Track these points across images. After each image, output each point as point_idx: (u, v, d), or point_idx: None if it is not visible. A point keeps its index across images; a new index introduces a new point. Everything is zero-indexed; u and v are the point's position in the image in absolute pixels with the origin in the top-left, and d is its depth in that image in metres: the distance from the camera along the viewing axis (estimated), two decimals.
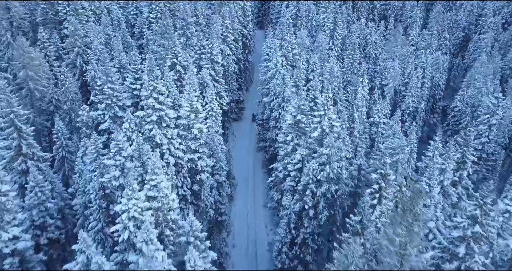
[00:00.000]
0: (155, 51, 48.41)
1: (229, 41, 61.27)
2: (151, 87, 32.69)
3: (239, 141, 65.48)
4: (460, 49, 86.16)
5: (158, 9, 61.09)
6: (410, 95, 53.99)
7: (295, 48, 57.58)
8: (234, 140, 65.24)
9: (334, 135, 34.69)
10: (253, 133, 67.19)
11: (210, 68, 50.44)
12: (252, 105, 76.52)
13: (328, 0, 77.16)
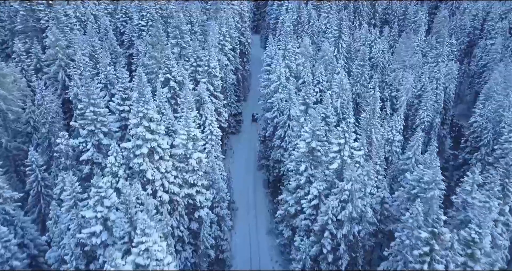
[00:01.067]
0: (145, 64, 42.56)
1: (227, 50, 55.61)
2: (141, 114, 26.93)
3: (237, 156, 59.92)
4: (465, 55, 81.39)
5: (149, 16, 55.15)
6: (425, 108, 48.82)
7: (299, 57, 52.07)
8: (233, 155, 59.62)
9: (356, 166, 29.26)
10: (252, 145, 61.74)
11: (208, 82, 44.75)
12: (250, 113, 71.22)
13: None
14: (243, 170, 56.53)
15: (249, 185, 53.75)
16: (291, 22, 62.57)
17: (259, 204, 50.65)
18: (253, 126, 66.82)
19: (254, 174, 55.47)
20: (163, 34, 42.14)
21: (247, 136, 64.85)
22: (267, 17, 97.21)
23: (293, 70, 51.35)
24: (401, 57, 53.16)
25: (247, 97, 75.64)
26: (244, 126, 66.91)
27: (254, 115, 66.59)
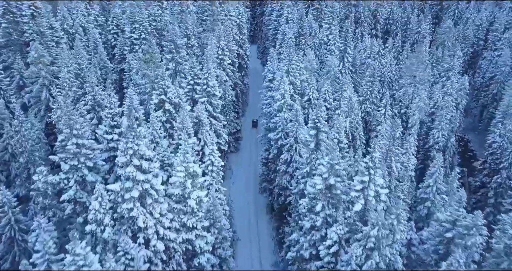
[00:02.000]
0: (137, 84, 37.96)
1: (226, 65, 51.16)
2: (131, 151, 22.31)
3: (237, 176, 55.40)
4: (468, 66, 77.80)
5: (142, 29, 50.58)
6: (439, 128, 44.73)
7: (303, 73, 47.78)
8: (232, 176, 55.01)
9: (382, 206, 24.87)
10: (252, 161, 57.43)
11: (207, 102, 40.23)
12: (249, 129, 67.04)
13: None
14: (244, 192, 52.05)
15: (251, 209, 49.22)
16: (293, 34, 58.31)
17: (262, 231, 46.07)
18: (252, 132, 65.29)
19: (256, 197, 50.91)
20: (157, 50, 37.59)
21: (247, 154, 60.45)
22: (264, 27, 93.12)
23: (298, 87, 47.02)
24: (411, 71, 49.10)
25: (245, 111, 71.25)
26: (243, 143, 62.41)
27: (254, 121, 66.74)
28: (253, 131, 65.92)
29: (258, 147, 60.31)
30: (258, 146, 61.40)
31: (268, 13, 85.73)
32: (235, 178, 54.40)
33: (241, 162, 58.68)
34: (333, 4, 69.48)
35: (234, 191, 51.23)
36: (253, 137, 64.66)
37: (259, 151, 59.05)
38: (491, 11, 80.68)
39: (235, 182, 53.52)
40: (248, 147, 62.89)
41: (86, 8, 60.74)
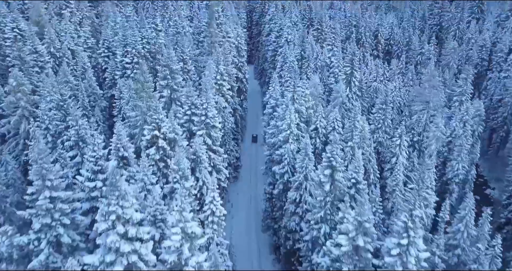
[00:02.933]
0: (128, 116, 33.14)
1: (225, 90, 46.62)
2: (113, 215, 17.31)
3: (237, 209, 50.27)
4: (473, 88, 74.07)
5: (134, 52, 46.04)
6: (459, 159, 40.28)
7: (309, 99, 43.30)
8: (231, 209, 49.81)
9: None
10: (253, 192, 52.76)
11: (205, 135, 35.41)
12: (248, 154, 62.58)
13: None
14: (245, 228, 46.97)
15: (253, 248, 44.02)
16: (295, 57, 54.16)
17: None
18: (252, 149, 63.56)
19: (258, 235, 45.71)
20: (149, 78, 32.90)
21: (246, 184, 55.50)
22: (261, 47, 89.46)
23: (303, 115, 42.48)
24: (424, 97, 44.87)
25: (244, 136, 66.53)
26: (243, 170, 57.47)
27: (254, 135, 65.07)
28: (253, 147, 63.97)
29: (259, 175, 55.84)
30: (258, 173, 56.89)
31: (265, 33, 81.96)
32: (234, 212, 49.24)
33: (241, 193, 53.65)
34: (335, 25, 65.66)
35: (234, 227, 46.17)
36: (253, 157, 62.07)
37: (260, 179, 54.59)
38: (494, 31, 77.64)
39: (236, 217, 48.34)
40: (248, 174, 58.17)
41: (76, 29, 56.30)
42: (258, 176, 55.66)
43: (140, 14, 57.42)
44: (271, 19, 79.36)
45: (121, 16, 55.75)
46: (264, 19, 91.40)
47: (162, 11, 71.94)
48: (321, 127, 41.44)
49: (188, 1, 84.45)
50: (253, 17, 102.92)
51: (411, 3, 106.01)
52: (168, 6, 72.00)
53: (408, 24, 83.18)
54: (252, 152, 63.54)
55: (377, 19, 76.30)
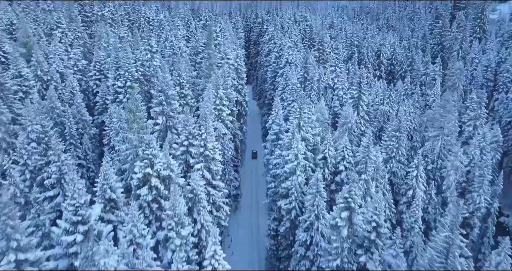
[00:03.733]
0: (117, 150, 29.25)
1: (224, 116, 42.99)
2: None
3: (237, 244, 45.99)
4: None
5: (127, 76, 42.50)
6: (480, 192, 36.61)
7: (315, 125, 39.70)
8: (231, 244, 45.57)
9: None
10: (254, 224, 48.73)
11: (204, 168, 31.49)
12: (248, 184, 58.62)
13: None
14: (247, 266, 42.46)
15: None
16: (298, 79, 50.95)
17: None
18: (252, 164, 62.43)
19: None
20: (142, 107, 29.15)
21: (247, 214, 51.39)
22: (260, 67, 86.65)
23: (310, 143, 38.81)
24: (439, 122, 41.47)
25: (244, 161, 62.66)
26: (243, 200, 53.34)
27: (254, 152, 63.92)
28: (253, 164, 62.50)
29: (260, 199, 52.29)
30: (259, 198, 53.47)
31: (265, 53, 79.22)
32: (235, 247, 44.91)
33: (241, 224, 49.48)
34: (337, 45, 62.85)
35: (234, 264, 41.74)
36: (253, 176, 59.67)
37: (261, 207, 50.77)
38: (498, 51, 75.34)
39: (236, 253, 43.93)
40: (249, 199, 54.43)
41: (66, 51, 52.88)
42: (259, 203, 52.01)
43: (135, 35, 54.35)
44: (270, 39, 76.78)
45: (114, 37, 52.46)
46: (263, 39, 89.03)
47: (158, 31, 69.03)
48: (330, 157, 37.71)
49: (185, 20, 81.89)
50: (251, 37, 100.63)
51: (409, 22, 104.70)
52: (164, 26, 69.11)
53: (409, 43, 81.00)
54: (252, 169, 61.34)
55: (379, 39, 73.74)
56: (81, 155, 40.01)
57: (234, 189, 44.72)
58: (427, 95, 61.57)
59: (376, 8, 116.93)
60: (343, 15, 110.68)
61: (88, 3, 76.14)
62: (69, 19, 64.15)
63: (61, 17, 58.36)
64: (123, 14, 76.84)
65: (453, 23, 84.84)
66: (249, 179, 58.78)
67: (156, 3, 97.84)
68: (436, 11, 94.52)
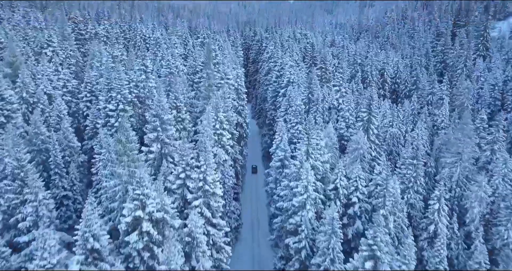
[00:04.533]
0: (104, 186, 25.39)
1: (225, 141, 39.32)
2: None
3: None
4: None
5: (119, 98, 38.94)
6: (508, 226, 32.90)
7: (324, 152, 36.07)
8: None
9: None
10: (255, 249, 44.62)
11: (203, 205, 27.62)
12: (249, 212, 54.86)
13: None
14: None
15: None
16: (302, 100, 47.64)
17: None
18: (252, 179, 59.88)
19: None
20: (133, 137, 25.42)
21: (249, 241, 47.12)
22: (260, 86, 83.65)
23: (319, 171, 35.11)
24: (457, 148, 38.02)
25: (244, 185, 58.68)
26: (243, 231, 49.11)
27: (254, 167, 62.29)
28: (253, 179, 59.85)
29: (262, 225, 48.46)
30: (261, 222, 49.57)
31: (264, 72, 76.30)
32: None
33: (243, 255, 45.00)
34: (341, 64, 59.94)
35: None
36: (253, 194, 55.98)
37: (263, 231, 46.99)
38: (503, 69, 72.88)
39: None
40: (250, 228, 50.17)
41: (56, 70, 49.40)
42: (261, 228, 48.13)
43: (131, 53, 51.16)
44: (270, 57, 73.96)
45: (107, 56, 49.18)
46: (262, 56, 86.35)
47: (155, 50, 65.93)
48: (342, 187, 33.97)
49: (183, 38, 79.09)
50: (250, 55, 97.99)
51: (409, 40, 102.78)
52: (161, 44, 66.06)
53: (411, 61, 78.56)
54: (253, 186, 58.22)
55: (382, 57, 71.10)
56: (67, 186, 36.10)
57: (235, 221, 40.63)
58: (434, 115, 58.59)
59: (375, 26, 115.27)
60: (343, 32, 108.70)
61: (82, 20, 73.23)
62: (62, 37, 60.98)
63: (52, 35, 55.10)
64: (119, 32, 73.89)
65: (455, 41, 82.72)
66: (249, 198, 55.18)
67: (153, 20, 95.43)
68: (437, 29, 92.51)
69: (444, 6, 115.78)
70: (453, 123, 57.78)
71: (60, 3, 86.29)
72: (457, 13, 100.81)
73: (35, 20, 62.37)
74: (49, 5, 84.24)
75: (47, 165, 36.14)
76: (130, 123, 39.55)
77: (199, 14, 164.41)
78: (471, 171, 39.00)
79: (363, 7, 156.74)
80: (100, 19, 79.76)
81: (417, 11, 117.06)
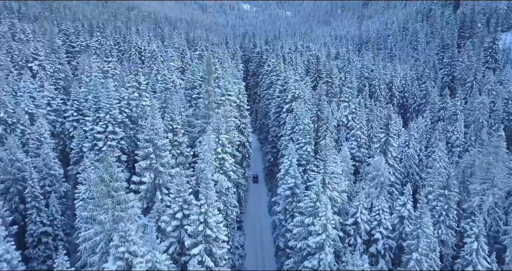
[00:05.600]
0: (83, 235, 20.37)
1: (227, 166, 34.46)
2: None
3: None
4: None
5: (109, 119, 34.10)
6: None
7: (341, 180, 31.27)
8: None
9: None
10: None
11: (204, 252, 22.61)
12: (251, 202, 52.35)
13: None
14: None
15: None
16: (310, 118, 43.03)
17: None
18: (254, 189, 57.61)
19: None
20: (120, 174, 20.51)
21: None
22: (261, 100, 79.06)
23: (336, 203, 30.30)
24: (487, 173, 33.42)
25: (247, 208, 53.67)
26: (247, 265, 44.04)
27: (255, 176, 60.91)
28: (255, 189, 57.52)
29: (266, 251, 43.77)
30: (265, 248, 44.85)
31: (265, 85, 71.75)
32: None
33: None
34: (351, 78, 55.64)
35: None
36: (257, 207, 52.89)
37: (269, 258, 42.19)
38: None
39: None
40: (253, 247, 45.49)
41: (41, 86, 44.65)
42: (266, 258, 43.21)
43: (124, 67, 46.72)
44: (271, 70, 69.55)
45: (97, 71, 44.54)
46: (262, 69, 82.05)
47: (150, 63, 61.40)
48: (363, 222, 29.16)
49: (180, 51, 74.72)
50: (249, 67, 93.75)
51: (413, 51, 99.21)
52: (156, 57, 61.58)
53: (416, 73, 74.63)
54: (255, 198, 55.12)
55: (390, 69, 67.03)
56: (46, 221, 31.00)
57: (239, 257, 35.54)
58: (447, 132, 54.33)
59: (376, 38, 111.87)
60: (347, 44, 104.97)
61: (74, 32, 68.75)
62: (51, 50, 56.32)
63: (38, 48, 50.43)
64: (112, 44, 69.38)
65: (463, 53, 79.07)
66: (252, 220, 50.53)
67: (149, 32, 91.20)
68: (442, 41, 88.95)
69: (445, 18, 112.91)
70: (471, 141, 53.48)
71: (52, 16, 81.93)
72: (461, 25, 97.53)
73: (21, 31, 57.81)
74: (39, 17, 79.80)
75: (24, 197, 31.14)
76: (121, 146, 34.78)
77: (196, 26, 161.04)
78: (501, 198, 34.41)
79: (362, 19, 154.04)
80: (93, 31, 75.28)
81: (419, 23, 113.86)
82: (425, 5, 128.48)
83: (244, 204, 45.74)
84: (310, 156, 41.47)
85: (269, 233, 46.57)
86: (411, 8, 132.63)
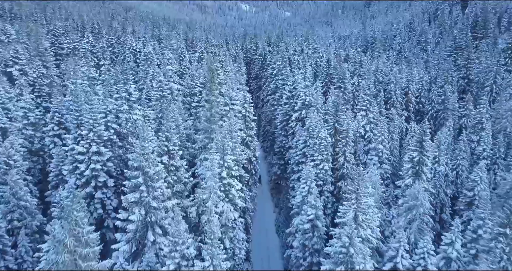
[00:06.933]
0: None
1: (234, 193, 28.32)
2: None
3: None
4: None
5: (92, 137, 27.88)
6: None
7: (375, 212, 25.15)
8: None
9: None
10: None
11: None
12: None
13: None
14: None
15: None
16: (327, 131, 36.94)
17: None
18: (257, 192, 52.89)
19: None
20: (93, 237, 14.35)
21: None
22: (262, 103, 73.19)
23: (371, 243, 24.20)
24: None
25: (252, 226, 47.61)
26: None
27: (258, 177, 56.96)
28: (258, 192, 52.86)
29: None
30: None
31: (270, 90, 65.66)
32: None
33: None
34: (368, 83, 49.54)
35: None
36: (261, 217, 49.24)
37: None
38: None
39: None
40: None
41: (19, 94, 38.38)
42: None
43: (115, 72, 40.54)
44: (276, 74, 63.45)
45: (82, 78, 38.32)
46: (266, 72, 75.96)
47: (145, 66, 55.06)
48: (404, 267, 23.09)
49: (178, 53, 68.42)
50: (251, 70, 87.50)
51: (422, 53, 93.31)
52: (152, 60, 55.25)
53: (430, 76, 68.59)
54: (259, 205, 51.22)
55: (406, 73, 61.01)
56: (13, 265, 24.81)
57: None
58: (471, 142, 48.53)
59: (382, 38, 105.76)
60: (355, 45, 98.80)
61: (63, 33, 62.41)
62: (36, 53, 50.01)
63: (19, 51, 44.12)
64: (105, 46, 63.06)
65: (481, 55, 73.13)
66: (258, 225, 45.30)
67: (145, 33, 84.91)
68: (455, 41, 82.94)
69: (453, 18, 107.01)
70: (500, 153, 47.61)
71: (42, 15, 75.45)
72: (474, 25, 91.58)
73: (2, 32, 51.53)
74: (29, 17, 73.32)
75: None
76: (107, 169, 28.60)
77: (195, 26, 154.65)
78: None
79: (365, 20, 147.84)
80: (86, 32, 68.90)
81: (426, 23, 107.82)
82: (431, 5, 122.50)
83: (251, 229, 39.61)
84: (328, 175, 35.49)
85: (279, 259, 40.69)
86: (416, 8, 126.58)
